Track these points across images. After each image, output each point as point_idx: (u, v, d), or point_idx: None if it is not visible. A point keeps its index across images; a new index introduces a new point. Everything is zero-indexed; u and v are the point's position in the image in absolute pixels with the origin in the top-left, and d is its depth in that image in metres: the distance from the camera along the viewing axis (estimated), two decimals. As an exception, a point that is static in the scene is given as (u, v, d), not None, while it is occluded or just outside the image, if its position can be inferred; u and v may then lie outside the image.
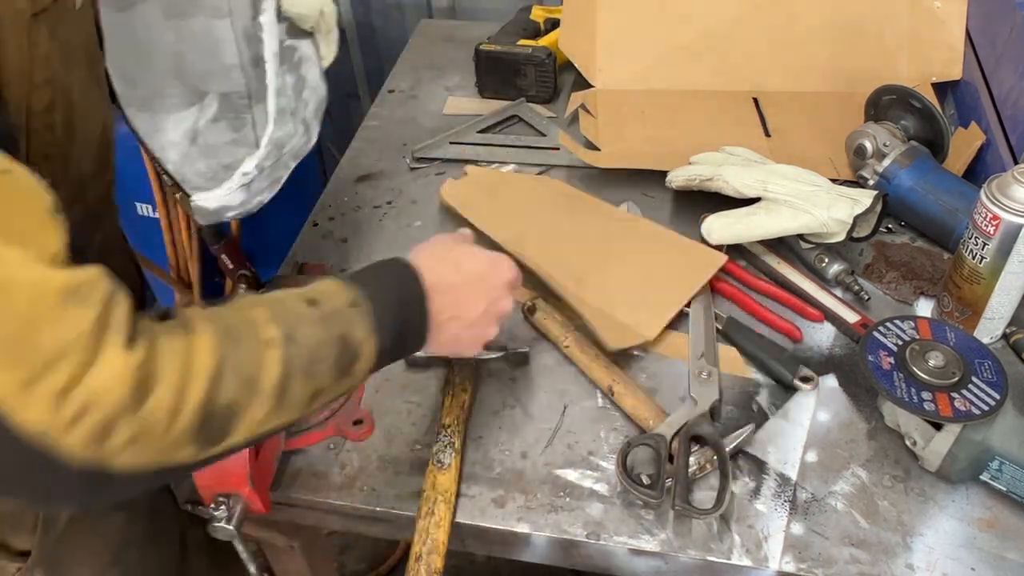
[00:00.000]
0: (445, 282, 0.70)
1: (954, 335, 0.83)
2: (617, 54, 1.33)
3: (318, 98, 0.93)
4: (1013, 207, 0.82)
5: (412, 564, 0.76)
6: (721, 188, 1.03)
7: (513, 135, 1.29)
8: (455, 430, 0.84)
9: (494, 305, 0.74)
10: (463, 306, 0.72)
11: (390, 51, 1.85)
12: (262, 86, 0.86)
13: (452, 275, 0.72)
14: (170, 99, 0.82)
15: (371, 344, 0.63)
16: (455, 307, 0.71)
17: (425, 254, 0.72)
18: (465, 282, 0.72)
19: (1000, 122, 1.08)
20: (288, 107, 0.88)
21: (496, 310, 0.75)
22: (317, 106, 0.93)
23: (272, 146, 0.86)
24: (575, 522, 0.79)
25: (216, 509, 0.75)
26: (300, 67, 0.91)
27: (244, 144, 0.86)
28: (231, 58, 0.86)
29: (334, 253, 1.10)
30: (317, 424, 0.85)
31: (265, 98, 0.86)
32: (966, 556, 0.75)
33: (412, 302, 0.68)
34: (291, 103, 0.88)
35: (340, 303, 0.62)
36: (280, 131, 0.87)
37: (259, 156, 0.84)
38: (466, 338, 0.74)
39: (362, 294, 0.64)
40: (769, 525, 0.78)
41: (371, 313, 0.63)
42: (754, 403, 0.89)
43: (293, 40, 0.90)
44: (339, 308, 0.62)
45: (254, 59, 0.87)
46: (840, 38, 1.28)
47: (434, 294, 0.69)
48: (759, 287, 1.01)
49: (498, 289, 0.75)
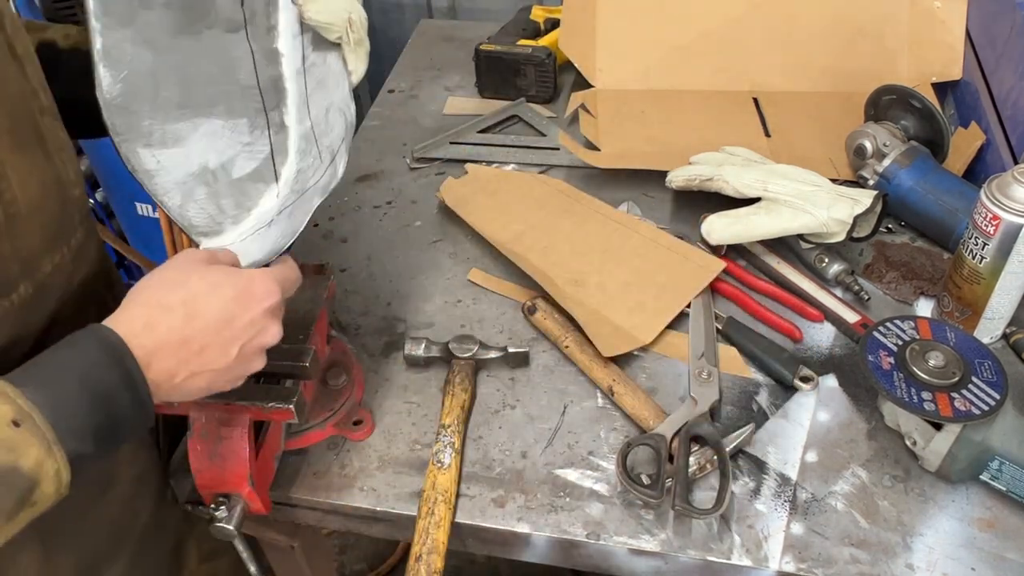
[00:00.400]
0: (173, 339, 0.59)
1: (954, 335, 0.83)
2: (617, 54, 1.33)
3: (346, 122, 0.82)
4: (1013, 207, 0.82)
5: (412, 564, 0.76)
6: (721, 188, 1.03)
7: (513, 135, 1.29)
8: (455, 430, 0.84)
9: (251, 343, 0.64)
10: (204, 358, 0.61)
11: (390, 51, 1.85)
12: (282, 109, 0.75)
13: (182, 327, 0.60)
14: (177, 129, 0.69)
15: (54, 461, 0.53)
16: (192, 363, 0.61)
17: (144, 303, 0.60)
18: (202, 331, 0.61)
19: (1000, 122, 1.08)
20: (312, 134, 0.77)
21: (255, 345, 0.65)
22: (345, 131, 0.82)
23: (294, 182, 0.75)
24: (575, 522, 0.79)
25: (216, 509, 0.75)
26: (326, 85, 0.79)
27: (260, 179, 0.74)
28: (247, 78, 0.73)
29: (334, 253, 1.10)
30: (317, 424, 0.85)
31: (285, 125, 0.75)
32: (966, 556, 0.75)
33: (115, 388, 0.56)
34: (316, 128, 0.78)
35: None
36: (303, 162, 0.76)
37: (280, 195, 0.74)
38: (221, 383, 0.64)
39: (30, 403, 0.53)
40: (769, 525, 0.78)
41: (46, 425, 0.53)
42: (754, 403, 0.89)
43: (318, 53, 0.79)
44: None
45: (273, 78, 0.75)
46: (840, 38, 1.28)
47: (157, 360, 0.58)
48: (759, 287, 1.01)
49: (253, 325, 0.64)
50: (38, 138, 0.65)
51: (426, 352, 0.92)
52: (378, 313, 1.01)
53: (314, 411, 0.85)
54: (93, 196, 2.18)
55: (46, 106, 0.67)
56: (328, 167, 0.80)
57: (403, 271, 1.07)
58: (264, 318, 0.64)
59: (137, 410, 0.58)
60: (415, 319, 1.00)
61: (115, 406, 0.56)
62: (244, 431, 0.73)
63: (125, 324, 0.58)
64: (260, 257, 0.74)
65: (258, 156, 0.74)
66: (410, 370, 0.94)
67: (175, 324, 0.60)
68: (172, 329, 0.59)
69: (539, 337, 0.97)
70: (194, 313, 0.60)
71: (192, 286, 0.62)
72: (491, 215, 1.10)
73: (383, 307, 1.02)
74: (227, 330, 0.62)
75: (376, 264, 1.08)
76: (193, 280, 0.62)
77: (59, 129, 0.68)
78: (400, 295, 1.04)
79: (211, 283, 0.62)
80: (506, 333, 0.98)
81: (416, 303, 1.02)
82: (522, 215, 1.10)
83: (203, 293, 0.61)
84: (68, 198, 0.69)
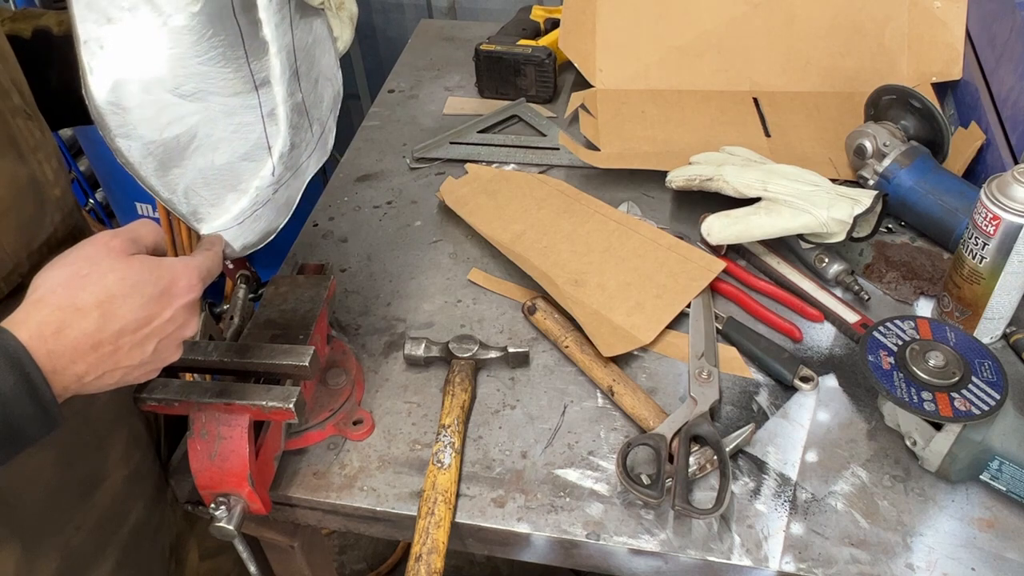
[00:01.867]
0: (86, 343, 0.56)
1: (954, 335, 0.83)
2: (617, 54, 1.33)
3: (334, 91, 0.79)
4: (1013, 207, 0.82)
5: (412, 564, 0.76)
6: (721, 188, 1.03)
7: (513, 135, 1.29)
8: (455, 430, 0.84)
9: (168, 338, 0.61)
10: (117, 358, 0.58)
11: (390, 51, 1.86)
12: (271, 83, 0.73)
13: (96, 331, 0.56)
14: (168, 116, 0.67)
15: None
16: (104, 364, 0.58)
17: (55, 305, 0.56)
18: (117, 334, 0.57)
19: (1000, 122, 1.08)
20: (303, 106, 0.75)
21: (172, 340, 0.62)
22: (333, 102, 0.79)
23: (288, 157, 0.74)
24: (575, 522, 0.79)
25: (216, 509, 0.75)
26: (313, 54, 0.76)
27: (253, 159, 0.73)
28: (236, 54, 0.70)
29: (334, 253, 1.10)
30: (317, 424, 0.85)
31: (275, 99, 0.73)
32: (966, 556, 0.75)
33: (11, 394, 0.53)
34: (307, 100, 0.75)
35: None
36: (296, 136, 0.74)
37: (276, 172, 0.73)
38: (134, 378, 0.62)
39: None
40: (769, 525, 0.78)
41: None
42: (754, 403, 0.89)
43: (304, 20, 0.76)
44: None
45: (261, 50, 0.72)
46: (840, 38, 1.28)
47: (65, 364, 0.56)
48: (759, 287, 1.01)
49: (172, 322, 0.61)
50: (9, 139, 0.64)
51: (426, 352, 0.92)
52: (378, 313, 1.01)
53: (314, 411, 0.85)
54: (93, 196, 2.18)
55: (18, 106, 0.66)
56: (319, 140, 0.77)
57: (403, 271, 1.07)
58: (183, 313, 0.62)
59: (39, 416, 0.55)
60: (415, 319, 1.00)
61: (13, 413, 0.53)
62: (244, 431, 0.73)
63: (33, 328, 0.55)
64: (254, 239, 0.73)
65: (251, 136, 0.72)
66: (410, 370, 0.94)
67: (88, 328, 0.56)
68: (85, 333, 0.56)
69: (539, 337, 0.97)
70: (110, 315, 0.57)
71: (109, 284, 0.57)
72: (491, 215, 1.10)
73: (383, 307, 1.02)
74: (144, 329, 0.59)
75: (376, 264, 1.08)
76: (110, 278, 0.58)
77: (35, 129, 0.67)
78: (400, 295, 1.04)
79: (131, 282, 0.58)
80: (506, 333, 0.98)
81: (416, 303, 1.02)
82: (522, 215, 1.10)
83: (121, 294, 0.58)
84: (46, 198, 0.68)
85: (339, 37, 0.79)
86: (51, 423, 0.56)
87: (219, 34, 0.68)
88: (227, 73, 0.69)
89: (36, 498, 0.70)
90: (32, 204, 0.66)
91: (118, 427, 0.79)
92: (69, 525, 0.75)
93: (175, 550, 0.91)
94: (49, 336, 0.55)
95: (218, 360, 0.76)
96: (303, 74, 0.76)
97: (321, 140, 0.78)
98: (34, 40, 0.76)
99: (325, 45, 0.78)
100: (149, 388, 0.73)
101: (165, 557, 0.89)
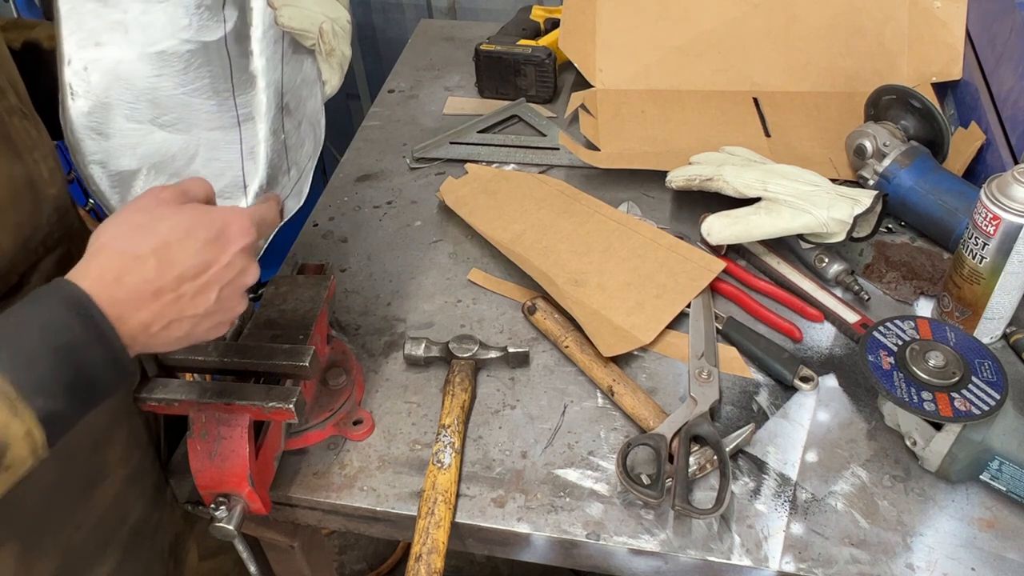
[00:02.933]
0: (147, 290, 0.56)
1: (954, 335, 0.83)
2: (617, 54, 1.33)
3: (315, 139, 0.77)
4: (1013, 207, 0.82)
5: (412, 564, 0.76)
6: (721, 188, 1.03)
7: (513, 135, 1.29)
8: (455, 430, 0.84)
9: (230, 285, 0.61)
10: (181, 306, 0.58)
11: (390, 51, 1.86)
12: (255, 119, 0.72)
13: (156, 277, 0.57)
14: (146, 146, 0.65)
15: (21, 422, 0.51)
16: (168, 312, 0.58)
17: (114, 253, 0.57)
18: (177, 280, 0.58)
19: (1000, 122, 1.08)
20: (284, 146, 0.74)
21: (235, 287, 0.62)
22: (314, 150, 0.78)
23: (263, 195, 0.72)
24: (575, 522, 0.79)
25: (216, 509, 0.75)
26: (300, 94, 0.75)
27: (229, 196, 0.71)
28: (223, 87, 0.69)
29: (334, 253, 1.10)
30: (317, 424, 0.85)
31: (258, 135, 0.71)
32: (966, 556, 0.75)
33: (82, 342, 0.53)
34: (288, 140, 0.74)
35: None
36: (273, 174, 0.73)
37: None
38: (204, 329, 0.61)
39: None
40: (769, 525, 0.78)
41: (7, 385, 0.50)
42: (754, 403, 0.89)
43: (296, 57, 0.76)
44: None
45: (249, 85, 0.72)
46: (840, 38, 1.28)
47: (129, 312, 0.56)
48: (759, 287, 1.01)
49: (231, 267, 0.61)
50: (5, 138, 0.64)
51: (426, 352, 0.92)
52: (378, 313, 1.01)
53: (314, 411, 0.85)
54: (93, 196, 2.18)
55: (15, 105, 0.66)
56: (295, 185, 0.76)
57: (403, 271, 1.07)
58: (242, 259, 0.61)
59: (111, 363, 0.55)
60: (415, 319, 1.00)
61: (85, 360, 0.54)
62: (244, 431, 0.73)
63: (94, 277, 0.55)
64: None
65: (227, 173, 0.71)
66: (410, 370, 0.94)
67: (148, 275, 0.56)
68: (146, 280, 0.56)
69: (539, 337, 0.97)
70: (168, 261, 0.57)
71: (164, 231, 0.58)
72: (491, 215, 1.10)
73: (383, 307, 1.02)
74: (204, 275, 0.59)
75: (376, 264, 1.08)
76: (164, 225, 0.58)
77: (31, 128, 0.67)
78: (400, 295, 1.04)
79: (185, 228, 0.59)
80: (506, 333, 0.98)
81: (416, 303, 1.02)
82: (522, 215, 1.10)
83: (176, 239, 0.58)
84: (42, 197, 0.68)
85: (327, 81, 0.78)
86: (123, 372, 0.57)
87: (208, 64, 0.67)
88: (211, 106, 0.69)
89: (36, 498, 0.70)
90: (28, 203, 0.66)
91: (117, 427, 0.79)
92: (69, 524, 0.75)
93: (174, 550, 0.91)
94: (111, 282, 0.55)
95: (218, 360, 0.76)
96: (288, 113, 0.75)
97: (297, 186, 0.77)
98: (23, 53, 0.76)
99: (313, 88, 0.77)
100: (149, 388, 0.73)
101: (164, 557, 0.89)
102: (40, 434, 0.52)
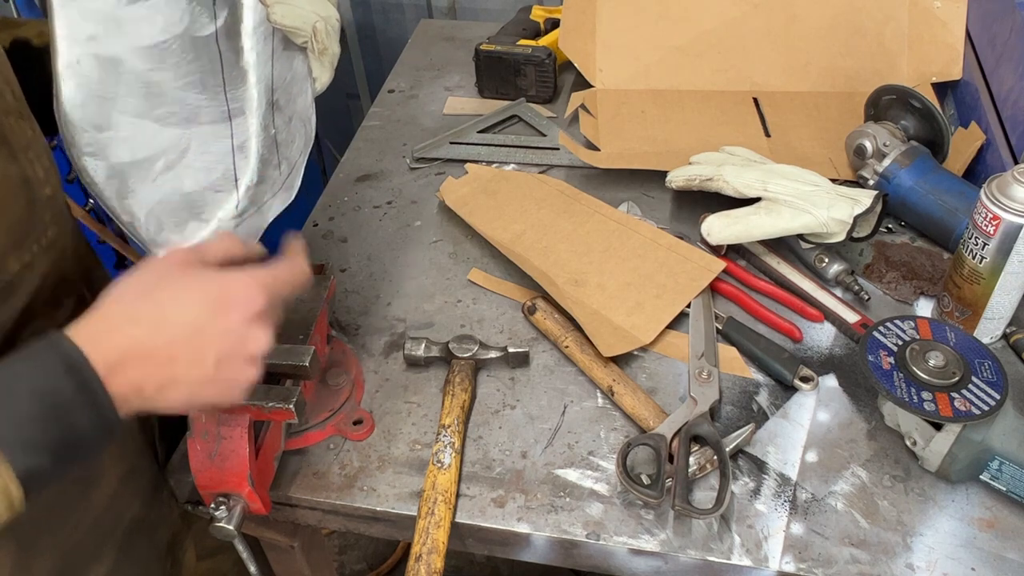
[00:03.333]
0: (138, 350, 0.56)
1: (954, 335, 0.83)
2: (617, 54, 1.33)
3: (306, 135, 0.78)
4: (1013, 207, 0.82)
5: (412, 564, 0.76)
6: (721, 188, 1.03)
7: (513, 135, 1.29)
8: (455, 430, 0.84)
9: (232, 352, 0.60)
10: (175, 370, 0.58)
11: (390, 51, 1.85)
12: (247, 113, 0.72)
13: (147, 337, 0.57)
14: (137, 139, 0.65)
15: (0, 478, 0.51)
16: (161, 374, 0.57)
17: (111, 314, 0.58)
18: (169, 342, 0.57)
19: (1000, 122, 1.08)
20: (274, 141, 0.74)
21: (240, 354, 0.60)
22: (304, 146, 0.78)
23: (254, 192, 0.73)
24: (575, 522, 0.79)
25: (216, 509, 0.75)
26: (290, 91, 0.76)
27: (219, 190, 0.71)
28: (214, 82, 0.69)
29: (334, 253, 1.10)
30: (317, 424, 0.85)
31: (248, 130, 0.71)
32: (966, 556, 0.75)
33: (72, 401, 0.53)
34: (279, 135, 0.74)
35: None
36: (264, 170, 0.74)
37: (240, 206, 0.71)
38: (207, 395, 0.60)
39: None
40: (769, 525, 0.78)
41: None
42: (754, 403, 0.89)
43: (286, 53, 0.77)
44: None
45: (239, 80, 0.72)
46: (840, 38, 1.28)
47: (119, 372, 0.55)
48: (759, 287, 1.01)
49: (230, 333, 0.60)
50: (1, 138, 0.64)
51: (426, 352, 0.92)
52: (378, 313, 1.01)
53: (314, 411, 0.85)
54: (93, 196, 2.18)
55: (11, 105, 0.66)
56: (285, 180, 0.76)
57: (403, 271, 1.07)
58: (243, 325, 0.60)
59: (99, 425, 0.55)
60: (415, 319, 1.00)
61: (73, 420, 0.54)
62: (244, 431, 0.73)
63: (89, 334, 0.56)
64: None
65: (219, 166, 0.71)
66: (410, 370, 0.94)
67: (139, 335, 0.57)
68: (137, 341, 0.57)
69: (539, 337, 0.97)
70: (161, 322, 0.58)
71: (162, 296, 0.59)
72: (491, 215, 1.10)
73: (383, 307, 1.02)
74: (197, 339, 0.58)
75: (376, 264, 1.08)
76: (164, 287, 0.59)
77: (26, 128, 0.67)
78: (400, 295, 1.04)
79: (183, 292, 0.59)
80: (506, 333, 0.98)
81: (416, 303, 1.02)
82: (522, 215, 1.10)
83: (171, 301, 0.59)
84: (37, 197, 0.68)
85: (317, 78, 0.79)
86: (110, 433, 0.56)
87: (199, 59, 0.68)
88: (202, 100, 0.69)
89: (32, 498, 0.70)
90: (23, 203, 0.66)
91: None
92: (65, 524, 0.75)
93: (171, 549, 0.91)
94: (103, 341, 0.56)
95: (218, 360, 0.75)
96: (278, 109, 0.75)
97: (288, 181, 0.77)
98: (12, 51, 0.76)
99: (303, 85, 0.77)
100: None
101: (162, 556, 0.89)
102: (17, 491, 0.52)
